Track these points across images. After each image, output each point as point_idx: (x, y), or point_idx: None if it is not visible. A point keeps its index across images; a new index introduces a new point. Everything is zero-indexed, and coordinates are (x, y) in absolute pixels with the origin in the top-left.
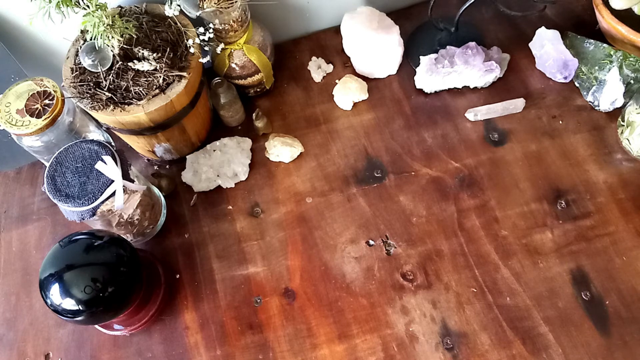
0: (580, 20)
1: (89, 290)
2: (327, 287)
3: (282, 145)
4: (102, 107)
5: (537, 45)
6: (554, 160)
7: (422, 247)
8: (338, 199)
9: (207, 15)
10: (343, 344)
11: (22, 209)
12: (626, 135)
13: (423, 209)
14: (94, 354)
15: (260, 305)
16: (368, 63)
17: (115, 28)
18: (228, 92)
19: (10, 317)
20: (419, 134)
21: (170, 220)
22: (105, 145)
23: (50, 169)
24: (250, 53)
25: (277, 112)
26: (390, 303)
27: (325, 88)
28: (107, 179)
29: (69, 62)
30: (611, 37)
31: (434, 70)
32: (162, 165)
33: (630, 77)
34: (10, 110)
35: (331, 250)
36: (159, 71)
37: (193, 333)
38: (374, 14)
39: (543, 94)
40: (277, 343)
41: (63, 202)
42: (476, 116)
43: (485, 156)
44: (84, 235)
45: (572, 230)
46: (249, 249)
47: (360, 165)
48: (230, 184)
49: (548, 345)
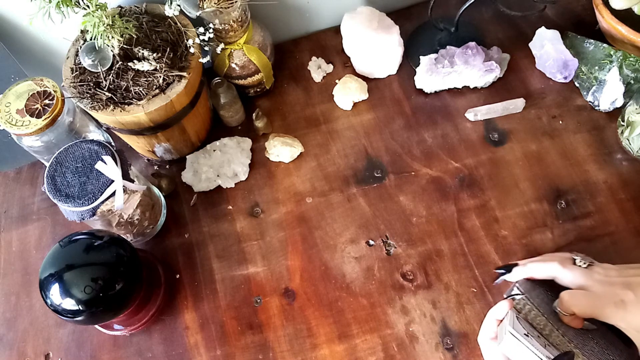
0: (580, 20)
1: (89, 290)
2: (327, 287)
3: (282, 145)
4: (102, 107)
5: (537, 45)
6: (554, 160)
7: (422, 247)
8: (338, 199)
9: (207, 15)
10: (343, 344)
11: (22, 209)
12: (626, 135)
13: (423, 209)
14: (94, 354)
15: (260, 305)
16: (368, 63)
17: (115, 28)
18: (228, 92)
19: (10, 317)
20: (419, 134)
21: (170, 220)
22: (105, 145)
23: (50, 169)
24: (250, 53)
25: (277, 112)
26: (390, 303)
27: (325, 88)
28: (107, 179)
29: (69, 62)
30: (611, 37)
31: (434, 70)
32: (162, 165)
33: (630, 77)
34: (10, 110)
35: (331, 250)
36: (159, 71)
37: (193, 333)
38: (374, 14)
39: (543, 94)
40: (277, 343)
41: (63, 202)
42: (476, 116)
43: (485, 156)
44: (84, 235)
45: (572, 230)
46: (249, 249)
47: (360, 165)
48: (230, 184)
49: None
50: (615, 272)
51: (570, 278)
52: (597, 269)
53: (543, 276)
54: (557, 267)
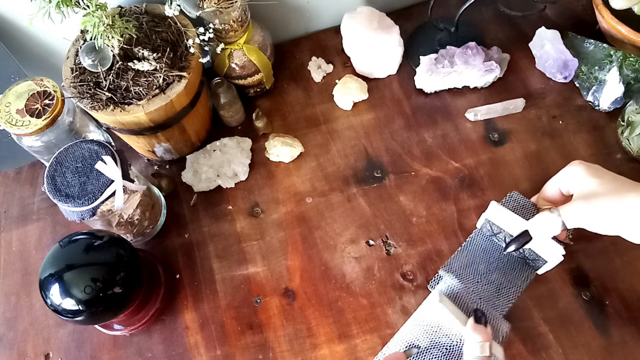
0: (580, 20)
1: (89, 290)
2: (327, 287)
3: (282, 145)
4: (102, 107)
5: (537, 45)
6: (554, 160)
7: (422, 247)
8: (338, 199)
9: (207, 15)
10: (343, 344)
11: (22, 209)
12: (626, 135)
13: (423, 209)
14: (94, 354)
15: (260, 305)
16: (368, 63)
17: (115, 28)
18: (228, 92)
19: (10, 317)
20: (419, 134)
21: (170, 220)
22: (105, 145)
23: (50, 169)
24: (250, 53)
25: (277, 112)
26: (390, 303)
27: (325, 88)
28: (107, 179)
29: (69, 62)
30: (611, 37)
31: (434, 70)
32: (162, 165)
33: (630, 77)
34: (10, 110)
35: (331, 250)
36: (159, 71)
37: (193, 333)
38: (374, 14)
39: (543, 94)
40: (277, 343)
41: (63, 202)
42: (476, 116)
43: (485, 156)
44: (84, 235)
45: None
46: (249, 249)
47: (360, 165)
48: (230, 184)
49: (548, 345)
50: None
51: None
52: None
53: (565, 179)
54: (580, 169)
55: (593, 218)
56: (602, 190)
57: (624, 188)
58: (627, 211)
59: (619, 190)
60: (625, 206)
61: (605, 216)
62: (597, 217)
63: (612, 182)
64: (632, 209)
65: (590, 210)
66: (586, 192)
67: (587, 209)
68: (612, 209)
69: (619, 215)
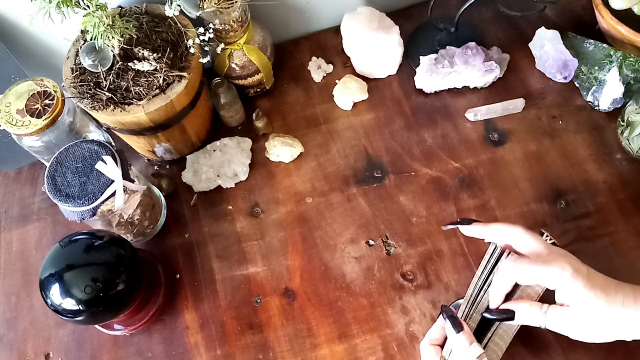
0: (580, 20)
1: (89, 290)
2: (327, 287)
3: (282, 145)
4: (102, 107)
5: (537, 45)
6: (553, 161)
7: (422, 247)
8: (338, 199)
9: (207, 15)
10: (343, 344)
11: (22, 209)
12: (626, 135)
13: (423, 209)
14: (94, 354)
15: (260, 305)
16: (368, 63)
17: (115, 28)
18: (228, 92)
19: (10, 317)
20: (419, 134)
21: (170, 220)
22: (106, 145)
23: (50, 169)
24: (250, 53)
25: (277, 112)
26: (390, 303)
27: (325, 88)
28: (107, 179)
29: (69, 62)
30: (611, 37)
31: (434, 70)
32: (162, 165)
33: (630, 77)
34: (10, 110)
35: (331, 250)
36: (159, 71)
37: (193, 333)
38: (374, 14)
39: (543, 94)
40: (277, 343)
41: (63, 202)
42: (476, 116)
43: (485, 156)
44: (84, 235)
45: (571, 230)
46: (249, 249)
47: (360, 165)
48: (230, 184)
49: (548, 345)
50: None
51: (531, 244)
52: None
53: (503, 238)
54: (521, 231)
55: (584, 331)
56: (598, 303)
57: (617, 300)
58: (620, 322)
59: (610, 302)
60: (618, 317)
61: (600, 329)
62: (589, 330)
63: (605, 293)
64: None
65: (584, 324)
66: (582, 306)
67: (581, 322)
68: (608, 322)
69: (613, 327)
